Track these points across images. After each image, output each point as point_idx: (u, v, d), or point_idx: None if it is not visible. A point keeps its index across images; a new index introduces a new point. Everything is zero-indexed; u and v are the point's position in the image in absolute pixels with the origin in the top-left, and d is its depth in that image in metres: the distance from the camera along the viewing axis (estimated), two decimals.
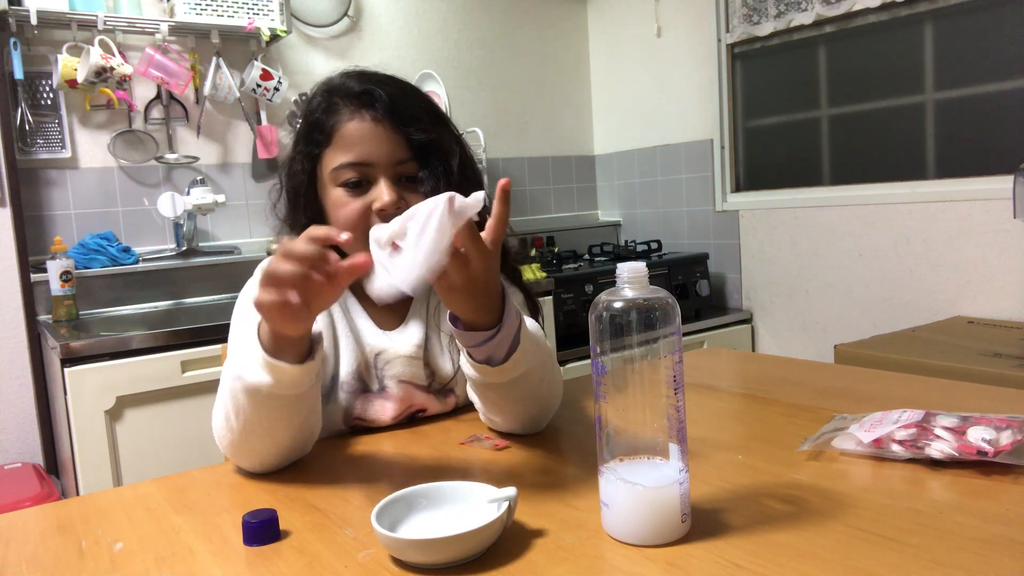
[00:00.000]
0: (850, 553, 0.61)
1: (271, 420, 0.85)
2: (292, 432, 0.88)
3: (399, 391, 1.05)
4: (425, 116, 1.01)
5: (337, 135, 0.99)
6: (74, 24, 2.23)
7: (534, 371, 0.92)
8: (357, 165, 0.98)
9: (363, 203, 0.98)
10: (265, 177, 2.65)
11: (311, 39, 2.77)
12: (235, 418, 0.86)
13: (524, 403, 0.95)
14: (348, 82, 1.01)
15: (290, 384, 0.83)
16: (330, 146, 1.00)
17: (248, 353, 0.83)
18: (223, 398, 0.88)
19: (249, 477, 0.90)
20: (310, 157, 1.02)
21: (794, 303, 2.75)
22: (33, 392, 2.18)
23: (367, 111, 0.98)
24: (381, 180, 0.98)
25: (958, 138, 2.32)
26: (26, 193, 2.22)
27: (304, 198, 1.03)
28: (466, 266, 0.77)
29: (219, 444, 0.91)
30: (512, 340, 0.87)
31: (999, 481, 0.73)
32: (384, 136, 0.98)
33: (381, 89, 0.99)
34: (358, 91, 1.00)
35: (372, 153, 0.98)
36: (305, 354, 0.83)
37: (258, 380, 0.82)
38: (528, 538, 0.67)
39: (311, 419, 0.91)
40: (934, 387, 1.13)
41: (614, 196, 3.46)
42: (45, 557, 0.72)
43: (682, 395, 0.65)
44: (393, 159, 0.99)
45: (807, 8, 2.61)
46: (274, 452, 0.89)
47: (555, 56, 3.38)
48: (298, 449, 0.91)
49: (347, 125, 0.99)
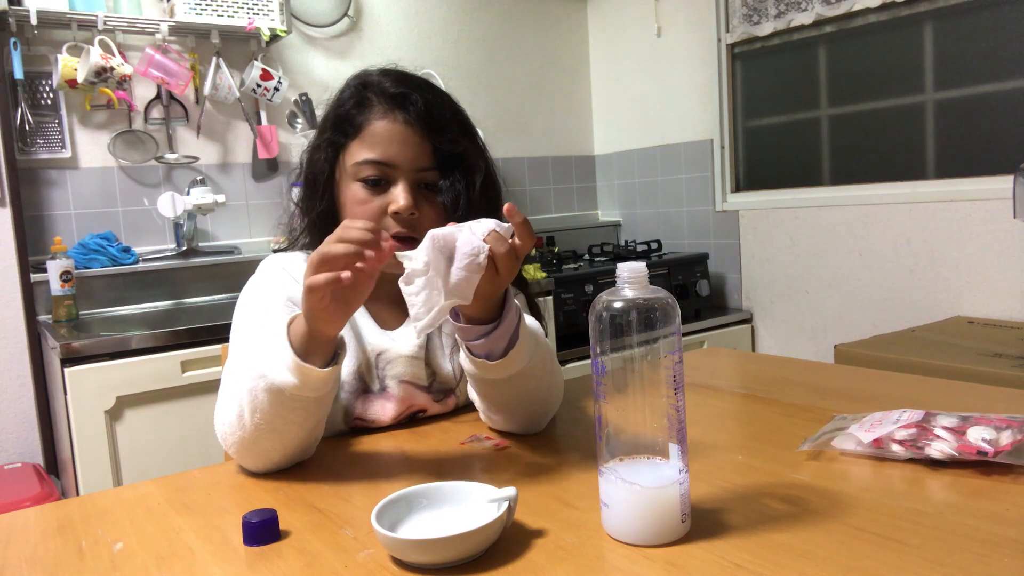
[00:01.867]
0: (850, 553, 0.61)
1: (286, 421, 0.85)
2: (303, 434, 0.89)
3: (400, 391, 1.05)
4: (456, 128, 1.02)
5: (366, 130, 0.99)
6: (74, 24, 2.23)
7: (533, 368, 0.92)
8: (380, 164, 0.98)
9: (379, 204, 0.98)
10: (265, 177, 2.65)
11: (311, 39, 2.77)
12: (249, 416, 0.86)
13: (524, 401, 0.95)
14: (384, 81, 1.01)
15: (314, 387, 0.83)
16: (357, 139, 1.00)
17: (275, 353, 0.84)
18: (235, 396, 0.88)
19: (249, 477, 0.90)
20: (335, 146, 1.03)
21: (794, 303, 2.75)
22: (33, 392, 2.18)
23: (400, 112, 0.99)
24: (400, 183, 0.98)
25: (958, 138, 2.32)
26: (26, 193, 2.22)
27: (323, 186, 1.04)
28: (496, 277, 0.80)
29: (223, 442, 0.90)
30: (511, 335, 0.88)
31: (999, 481, 0.73)
32: (412, 140, 0.98)
33: (418, 94, 0.99)
34: (394, 92, 1.00)
35: (397, 155, 0.98)
36: (330, 358, 0.85)
37: (283, 380, 0.83)
38: (528, 538, 0.67)
39: (321, 424, 0.91)
40: (934, 387, 1.13)
41: (614, 196, 3.46)
42: (45, 557, 0.72)
43: (682, 395, 0.65)
44: (416, 164, 0.99)
45: (807, 8, 2.61)
46: (281, 452, 0.89)
47: (555, 56, 3.38)
48: (303, 452, 0.92)
49: (377, 123, 0.99)
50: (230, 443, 0.89)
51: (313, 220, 1.05)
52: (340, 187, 1.03)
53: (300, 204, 1.08)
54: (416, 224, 0.98)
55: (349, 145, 1.01)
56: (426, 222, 0.98)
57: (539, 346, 0.94)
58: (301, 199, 1.08)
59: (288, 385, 0.83)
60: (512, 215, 0.80)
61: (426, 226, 0.98)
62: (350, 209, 1.00)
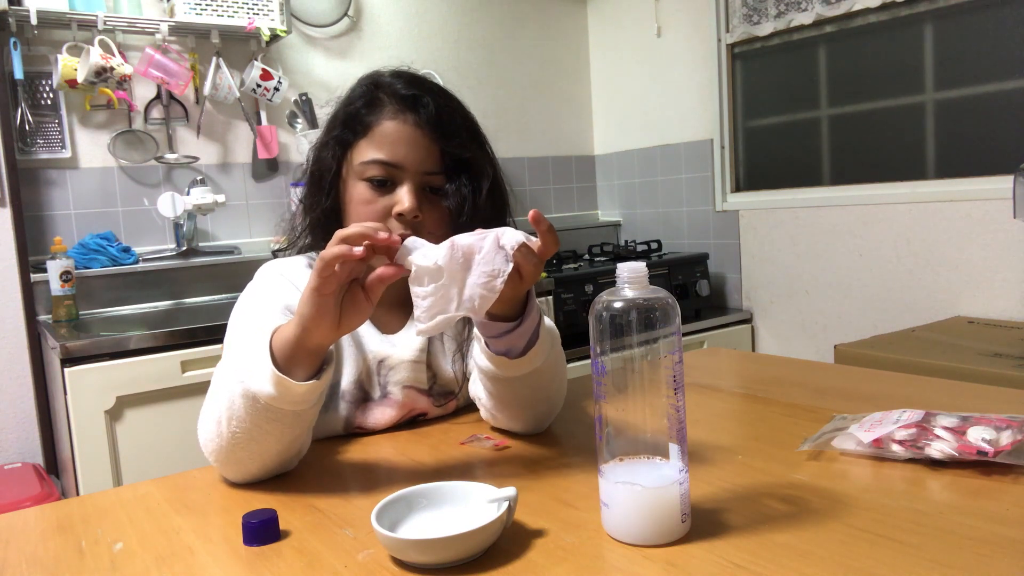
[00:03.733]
0: (850, 553, 0.61)
1: (263, 432, 0.82)
2: (281, 447, 0.85)
3: (402, 396, 1.05)
4: (465, 133, 1.02)
5: (375, 130, 0.99)
6: (74, 24, 2.23)
7: (548, 367, 0.93)
8: (387, 164, 0.98)
9: (384, 204, 0.98)
10: (265, 177, 2.65)
11: (311, 39, 2.77)
12: (226, 424, 0.83)
13: (534, 400, 0.95)
14: (396, 82, 1.01)
15: (292, 401, 0.81)
16: (365, 139, 1.00)
17: (255, 361, 0.81)
18: (217, 402, 0.85)
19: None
20: (342, 144, 1.02)
21: (794, 303, 2.75)
22: (33, 392, 2.18)
23: (410, 114, 0.98)
24: (406, 184, 0.98)
25: (958, 138, 2.32)
26: (26, 193, 2.22)
27: (328, 183, 1.03)
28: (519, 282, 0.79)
29: (204, 449, 0.88)
30: (531, 334, 0.88)
31: (999, 481, 0.73)
32: (420, 143, 0.98)
33: (429, 97, 0.99)
34: (405, 94, 0.99)
35: (404, 156, 0.98)
36: (314, 373, 0.82)
37: (260, 389, 0.80)
38: (528, 538, 0.67)
39: (302, 438, 0.88)
40: (934, 387, 1.13)
41: (614, 196, 3.46)
42: (45, 557, 0.72)
43: (682, 395, 0.65)
44: (423, 167, 0.98)
45: (807, 8, 2.60)
46: (259, 464, 0.86)
47: (555, 56, 3.38)
48: (283, 465, 0.89)
49: (387, 123, 0.99)
50: (209, 451, 0.87)
51: (316, 218, 1.05)
52: (346, 185, 1.02)
53: (304, 201, 1.07)
54: (419, 227, 0.98)
55: (357, 144, 1.01)
56: (430, 225, 0.98)
57: (554, 345, 0.95)
58: (305, 196, 1.07)
59: (264, 395, 0.80)
60: (538, 222, 0.79)
61: (429, 230, 0.98)
62: (354, 208, 1.00)
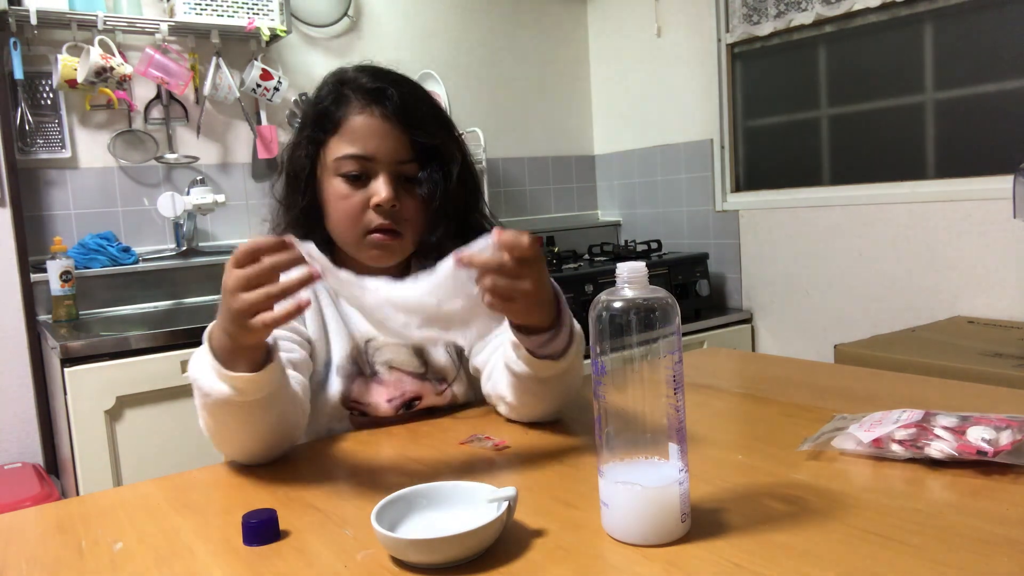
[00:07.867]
0: (850, 553, 0.61)
1: (240, 422, 0.84)
2: (256, 434, 0.87)
3: (390, 377, 1.07)
4: (432, 121, 1.04)
5: (344, 126, 1.01)
6: (74, 24, 2.23)
7: (578, 359, 0.94)
8: (360, 158, 1.00)
9: (361, 198, 1.00)
10: (265, 177, 2.65)
11: (311, 39, 2.77)
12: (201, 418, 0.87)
13: (564, 391, 0.97)
14: (361, 76, 1.03)
15: (251, 391, 0.82)
16: (336, 135, 1.02)
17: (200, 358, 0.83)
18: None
19: (249, 477, 0.90)
20: (314, 143, 1.04)
21: (794, 303, 2.75)
22: (33, 392, 2.18)
23: (377, 107, 1.00)
24: (381, 176, 1.00)
25: (958, 138, 2.32)
26: (26, 193, 2.22)
27: (304, 182, 1.05)
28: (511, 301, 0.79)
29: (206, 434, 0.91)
30: (568, 333, 0.90)
31: (999, 481, 0.73)
32: (390, 134, 1.00)
33: (394, 89, 1.01)
34: (370, 87, 1.01)
35: (376, 148, 1.00)
36: (261, 362, 0.82)
37: (214, 389, 0.82)
38: (528, 538, 0.67)
39: (288, 411, 0.89)
40: (934, 387, 1.13)
41: (614, 196, 3.46)
42: (45, 557, 0.72)
43: (682, 395, 0.65)
44: (395, 157, 1.01)
45: (807, 8, 2.60)
46: (259, 445, 0.89)
47: (555, 56, 3.38)
48: (284, 439, 0.91)
49: (355, 118, 1.01)
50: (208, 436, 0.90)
51: (296, 216, 1.07)
52: (322, 183, 1.04)
53: (282, 201, 1.09)
54: (398, 216, 1.01)
55: (329, 141, 1.02)
56: (407, 214, 1.01)
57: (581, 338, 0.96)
58: (283, 196, 1.09)
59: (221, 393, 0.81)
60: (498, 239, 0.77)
61: (406, 217, 1.01)
62: (332, 205, 1.02)
